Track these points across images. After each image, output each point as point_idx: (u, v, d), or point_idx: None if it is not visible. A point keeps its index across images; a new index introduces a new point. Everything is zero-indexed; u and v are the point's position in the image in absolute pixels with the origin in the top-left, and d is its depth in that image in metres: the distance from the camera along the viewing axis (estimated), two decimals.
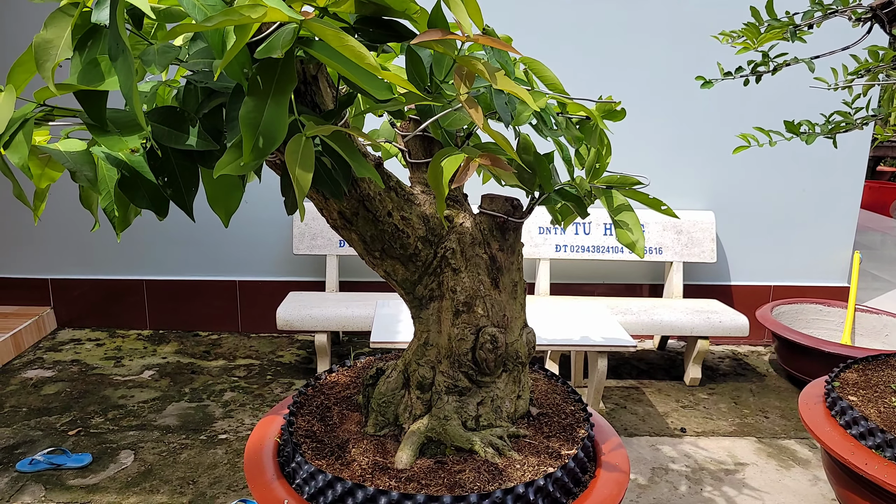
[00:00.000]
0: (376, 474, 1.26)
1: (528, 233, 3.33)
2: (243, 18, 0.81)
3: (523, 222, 1.43)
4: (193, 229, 3.43)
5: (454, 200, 1.42)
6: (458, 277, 1.37)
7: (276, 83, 0.91)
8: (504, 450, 1.33)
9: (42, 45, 0.88)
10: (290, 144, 0.92)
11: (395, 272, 1.37)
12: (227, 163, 0.90)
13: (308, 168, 0.92)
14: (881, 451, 1.46)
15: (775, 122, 2.29)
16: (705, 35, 2.92)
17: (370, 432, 1.41)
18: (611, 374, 3.20)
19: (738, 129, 3.23)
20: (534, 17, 3.26)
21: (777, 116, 3.21)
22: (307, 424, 1.44)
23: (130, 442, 2.47)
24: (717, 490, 2.26)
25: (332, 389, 1.61)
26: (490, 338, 1.36)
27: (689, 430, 2.67)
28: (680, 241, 3.36)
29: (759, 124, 3.04)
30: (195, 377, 3.04)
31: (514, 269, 1.44)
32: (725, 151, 3.38)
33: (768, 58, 1.42)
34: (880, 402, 1.62)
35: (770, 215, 3.49)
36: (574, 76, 3.30)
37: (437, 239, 1.37)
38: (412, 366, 1.41)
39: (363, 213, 1.28)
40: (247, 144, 0.89)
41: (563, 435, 1.40)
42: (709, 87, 1.48)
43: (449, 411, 1.36)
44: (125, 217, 1.18)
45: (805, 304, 3.35)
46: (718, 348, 3.60)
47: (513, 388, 1.44)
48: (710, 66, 2.87)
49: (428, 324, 1.40)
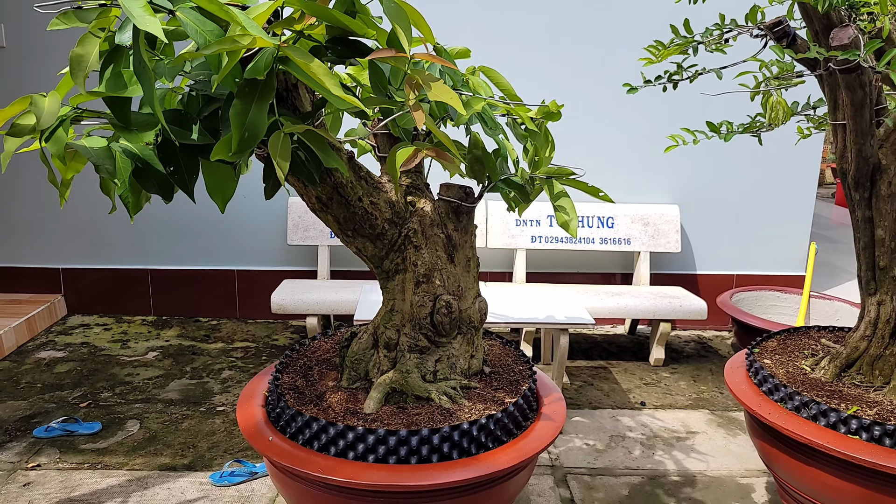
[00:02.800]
0: (347, 417, 1.50)
1: (506, 225, 3.57)
2: (235, 45, 1.06)
3: (475, 207, 1.67)
4: (195, 222, 3.68)
5: (416, 188, 1.67)
6: (419, 253, 1.61)
7: (259, 92, 1.16)
8: (456, 398, 1.57)
9: (76, 60, 1.13)
10: (271, 139, 1.17)
11: (365, 249, 1.62)
12: (219, 151, 1.14)
13: (286, 158, 1.17)
14: (784, 403, 1.70)
15: (735, 121, 2.52)
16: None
17: (344, 385, 1.65)
18: (582, 355, 3.45)
19: (700, 128, 3.47)
20: (514, 26, 3.50)
21: (735, 115, 3.45)
22: (291, 380, 1.68)
23: (136, 413, 2.72)
24: (668, 454, 2.50)
25: (314, 353, 1.85)
26: (445, 304, 1.60)
27: (648, 404, 2.91)
28: (647, 233, 3.60)
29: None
30: (196, 358, 3.29)
31: (468, 247, 1.69)
32: (689, 149, 3.61)
33: (681, 68, 1.66)
34: (790, 365, 1.86)
35: (732, 208, 3.74)
36: (551, 79, 3.54)
37: (401, 220, 1.62)
38: (380, 329, 1.66)
39: (337, 198, 1.52)
40: (235, 138, 1.13)
41: (509, 388, 1.65)
42: (634, 92, 1.72)
43: (411, 366, 1.60)
44: (137, 202, 1.43)
45: (764, 291, 3.59)
46: (685, 333, 3.84)
47: (466, 349, 1.68)
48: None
49: (394, 293, 1.65)
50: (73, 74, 1.11)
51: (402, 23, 1.24)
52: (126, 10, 0.89)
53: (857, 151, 1.60)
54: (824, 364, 1.81)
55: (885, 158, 1.63)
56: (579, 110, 3.56)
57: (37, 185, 3.65)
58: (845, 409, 1.59)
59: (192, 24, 1.07)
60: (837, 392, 1.69)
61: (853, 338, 1.80)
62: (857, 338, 1.78)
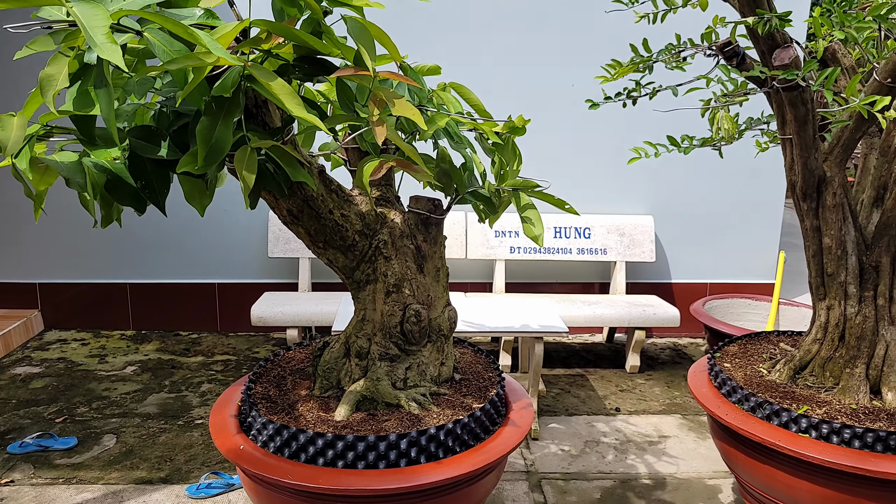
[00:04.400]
0: (318, 424, 1.54)
1: (485, 236, 3.64)
2: (200, 62, 1.11)
3: (444, 218, 1.73)
4: (175, 236, 3.70)
5: (387, 201, 1.72)
6: (389, 264, 1.66)
7: (225, 109, 1.21)
8: (425, 404, 1.62)
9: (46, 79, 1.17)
10: (238, 153, 1.22)
11: (336, 260, 1.66)
12: (185, 164, 1.19)
13: (251, 171, 1.22)
14: (741, 404, 1.77)
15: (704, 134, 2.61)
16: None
17: (317, 394, 1.69)
18: (560, 364, 3.50)
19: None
20: (494, 43, 3.59)
21: (706, 130, 3.55)
22: (264, 390, 1.71)
23: (113, 427, 2.71)
24: (640, 458, 2.56)
25: (289, 363, 1.88)
26: (415, 313, 1.65)
27: (622, 410, 2.97)
28: (622, 243, 3.68)
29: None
30: (175, 371, 3.29)
31: (437, 257, 1.74)
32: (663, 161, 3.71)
33: (640, 85, 1.74)
34: (749, 368, 1.93)
35: (704, 219, 3.84)
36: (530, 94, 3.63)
37: (371, 232, 1.67)
38: (352, 338, 1.70)
39: (308, 211, 1.57)
40: (201, 153, 1.18)
41: (478, 394, 1.69)
42: (595, 108, 1.80)
43: (381, 374, 1.64)
44: (109, 214, 1.46)
45: (736, 299, 3.68)
46: (661, 340, 3.92)
47: (436, 356, 1.73)
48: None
49: (365, 303, 1.69)
50: (43, 93, 1.16)
51: (365, 42, 1.30)
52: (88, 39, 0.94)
53: (802, 164, 1.69)
54: (780, 367, 1.88)
55: (830, 171, 1.72)
56: (557, 124, 3.65)
57: (11, 199, 3.65)
58: (796, 408, 1.66)
59: (160, 44, 1.12)
60: (790, 393, 1.76)
61: (805, 341, 1.87)
62: (809, 341, 1.86)
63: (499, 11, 3.55)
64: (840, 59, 1.90)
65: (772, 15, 1.40)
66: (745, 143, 2.48)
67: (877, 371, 1.76)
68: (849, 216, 1.78)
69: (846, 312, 1.79)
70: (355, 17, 1.30)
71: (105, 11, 1.02)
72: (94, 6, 1.03)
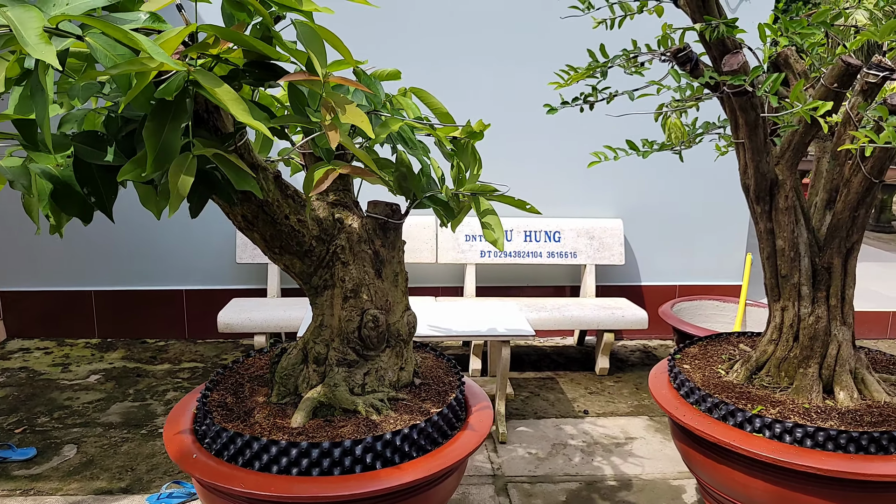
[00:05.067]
0: (273, 431, 1.52)
1: (456, 240, 3.64)
2: (143, 67, 1.09)
3: (402, 223, 1.73)
4: (141, 241, 3.64)
5: (344, 206, 1.71)
6: (347, 269, 1.66)
7: (172, 114, 1.19)
8: (383, 409, 1.61)
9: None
10: (176, 160, 1.20)
11: (293, 265, 1.65)
12: (128, 171, 1.17)
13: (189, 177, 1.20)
14: (698, 405, 1.79)
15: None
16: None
17: (274, 401, 1.67)
18: (531, 367, 3.52)
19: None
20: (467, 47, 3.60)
21: None
22: (220, 397, 1.69)
23: (74, 437, 2.66)
24: (606, 460, 2.58)
25: (247, 371, 1.86)
26: (372, 318, 1.64)
27: (591, 412, 2.99)
28: (592, 246, 3.72)
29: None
30: (140, 380, 3.23)
31: (396, 262, 1.74)
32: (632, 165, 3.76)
33: (596, 90, 1.76)
34: (707, 369, 1.96)
35: (673, 222, 3.89)
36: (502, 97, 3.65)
37: (329, 237, 1.66)
38: (310, 344, 1.69)
39: (263, 217, 1.55)
40: (149, 158, 1.16)
41: (437, 399, 1.69)
42: (553, 113, 1.81)
43: (339, 380, 1.63)
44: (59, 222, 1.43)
45: (704, 301, 3.73)
46: (632, 342, 3.96)
47: (395, 361, 1.72)
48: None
49: (322, 308, 1.68)
50: None
51: (315, 47, 1.29)
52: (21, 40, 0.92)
53: (755, 168, 1.72)
54: (737, 367, 1.91)
55: (782, 174, 1.76)
56: (528, 127, 3.67)
57: None
58: (751, 409, 1.69)
59: (102, 48, 1.11)
60: (746, 393, 1.79)
61: (762, 342, 1.91)
62: (765, 342, 1.89)
63: (472, 14, 3.57)
64: (792, 65, 1.94)
65: (719, 21, 1.43)
66: (712, 147, 2.53)
67: (829, 371, 1.80)
68: (801, 218, 1.82)
69: (800, 313, 1.83)
70: (305, 21, 1.29)
71: (39, 14, 1.00)
72: (27, 9, 1.01)
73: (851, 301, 1.84)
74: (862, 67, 1.55)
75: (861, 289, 4.71)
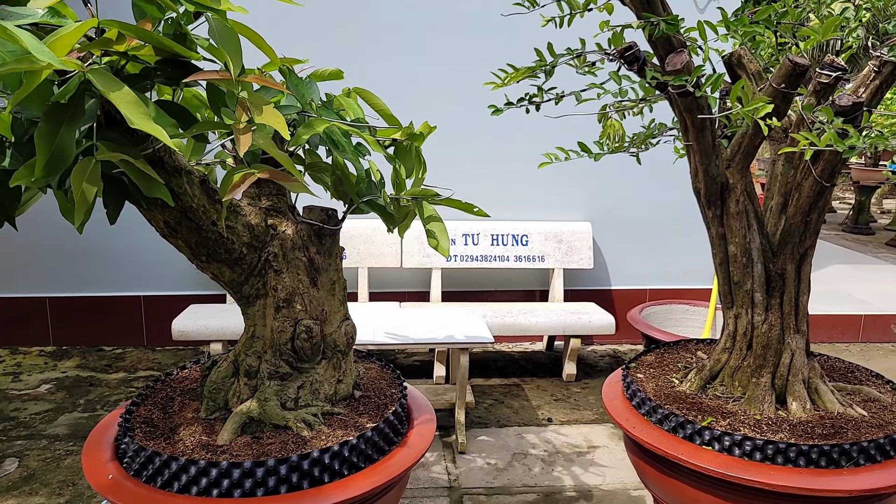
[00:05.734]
0: (197, 450, 1.44)
1: (421, 245, 3.57)
2: (32, 66, 1.01)
3: (339, 229, 1.65)
4: (97, 247, 3.53)
5: (278, 211, 1.64)
6: (280, 278, 1.58)
7: (68, 116, 1.11)
8: (315, 425, 1.53)
9: None
10: (79, 165, 1.12)
11: (222, 274, 1.57)
12: (20, 176, 1.09)
13: (93, 184, 1.12)
14: (649, 416, 1.74)
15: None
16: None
17: (202, 416, 1.59)
18: (497, 373, 3.45)
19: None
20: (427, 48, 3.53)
21: None
22: (147, 412, 1.61)
23: (17, 450, 2.55)
24: (567, 470, 2.52)
25: (180, 383, 1.78)
26: (305, 329, 1.57)
27: (555, 420, 2.93)
28: (560, 250, 3.66)
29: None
30: (92, 389, 3.13)
31: (332, 270, 1.66)
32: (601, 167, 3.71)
33: (542, 90, 1.70)
34: (661, 379, 1.91)
35: (643, 224, 3.85)
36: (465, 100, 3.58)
37: (261, 244, 1.58)
38: (241, 356, 1.61)
39: (186, 223, 1.47)
40: (39, 163, 1.08)
41: (375, 412, 1.62)
42: (498, 114, 1.75)
43: (270, 394, 1.55)
44: None
45: (674, 305, 3.69)
46: (602, 347, 3.91)
47: (332, 374, 1.65)
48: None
49: (255, 319, 1.60)
50: None
51: (230, 45, 1.22)
52: None
53: (704, 171, 1.67)
54: (691, 377, 1.86)
55: (732, 178, 1.71)
56: (494, 131, 3.61)
57: None
58: (701, 420, 1.64)
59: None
60: (698, 404, 1.73)
61: (716, 350, 1.86)
62: (719, 350, 1.84)
63: (432, 14, 3.51)
64: (746, 65, 1.89)
65: (658, 19, 1.38)
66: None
67: (782, 380, 1.75)
68: (754, 223, 1.77)
69: (753, 321, 1.78)
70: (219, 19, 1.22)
71: None
72: None
73: (806, 308, 1.80)
74: (810, 67, 1.51)
75: (834, 291, 4.72)
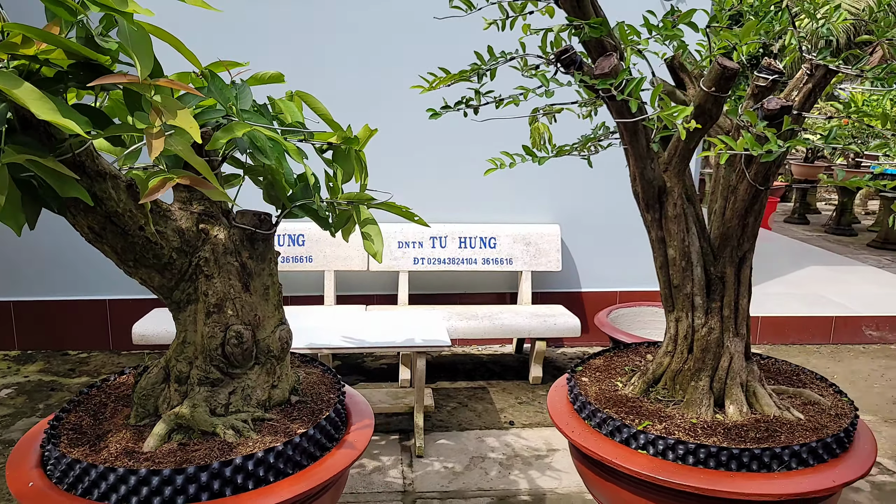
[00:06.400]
0: (120, 457, 1.42)
1: (388, 247, 3.56)
2: None
3: (272, 234, 1.64)
4: (62, 250, 3.50)
5: (210, 215, 1.62)
6: (211, 283, 1.57)
7: None
8: (244, 431, 1.52)
9: None
10: None
11: (151, 279, 1.56)
12: None
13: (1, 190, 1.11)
14: (589, 420, 1.73)
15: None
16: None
17: (132, 423, 1.57)
18: (464, 376, 3.44)
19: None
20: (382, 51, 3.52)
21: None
22: (77, 419, 1.59)
23: None
24: (523, 474, 2.51)
25: (116, 390, 1.76)
26: (236, 334, 1.55)
27: (517, 423, 2.92)
28: (528, 252, 3.66)
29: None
30: (53, 394, 3.10)
31: (266, 275, 1.65)
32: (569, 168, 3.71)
33: (479, 94, 1.70)
34: (605, 383, 1.90)
35: (611, 226, 3.85)
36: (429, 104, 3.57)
37: (192, 249, 1.57)
38: (172, 362, 1.59)
39: (111, 228, 1.46)
40: None
41: (308, 418, 1.60)
42: (436, 117, 1.74)
43: (199, 400, 1.54)
44: None
45: (642, 307, 3.69)
46: (571, 350, 3.91)
47: (266, 379, 1.63)
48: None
49: (185, 324, 1.59)
50: None
51: (139, 47, 1.21)
52: None
53: (640, 174, 1.67)
54: (635, 380, 1.86)
55: (670, 181, 1.71)
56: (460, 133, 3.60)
57: None
58: (638, 424, 1.63)
59: None
60: (638, 408, 1.73)
61: (658, 354, 1.85)
62: (661, 353, 1.84)
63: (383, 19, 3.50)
64: (688, 68, 1.89)
65: (581, 22, 1.37)
66: None
67: (721, 383, 1.75)
68: (693, 227, 1.77)
69: (693, 324, 1.78)
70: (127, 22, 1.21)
71: None
72: None
73: (746, 311, 1.80)
74: (738, 70, 1.51)
75: (807, 293, 4.73)
